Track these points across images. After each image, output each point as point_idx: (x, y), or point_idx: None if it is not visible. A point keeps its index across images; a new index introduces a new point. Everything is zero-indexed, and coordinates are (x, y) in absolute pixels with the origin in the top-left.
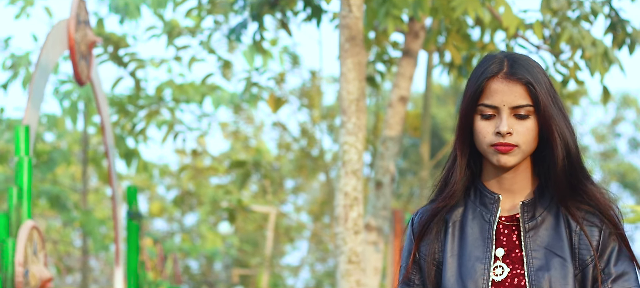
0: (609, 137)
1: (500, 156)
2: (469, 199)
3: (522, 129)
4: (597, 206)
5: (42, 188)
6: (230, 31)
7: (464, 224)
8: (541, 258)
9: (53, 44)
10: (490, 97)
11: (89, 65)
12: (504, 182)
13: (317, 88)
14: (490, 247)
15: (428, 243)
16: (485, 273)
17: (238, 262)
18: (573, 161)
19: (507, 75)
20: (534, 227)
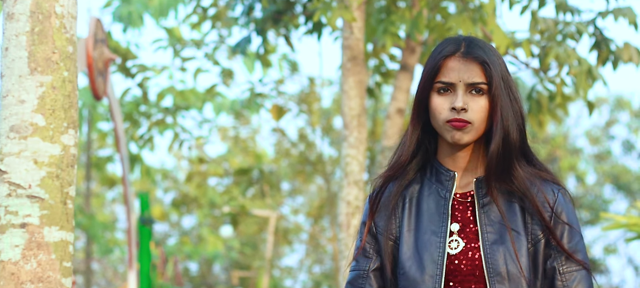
0: (603, 139)
1: (455, 132)
2: (425, 177)
3: (476, 106)
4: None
5: None
6: (235, 45)
7: (421, 200)
8: (495, 232)
9: None
10: (447, 75)
11: (105, 81)
12: (459, 160)
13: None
14: (446, 222)
15: (385, 219)
16: (440, 246)
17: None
18: (510, 145)
19: (464, 54)
20: (488, 203)
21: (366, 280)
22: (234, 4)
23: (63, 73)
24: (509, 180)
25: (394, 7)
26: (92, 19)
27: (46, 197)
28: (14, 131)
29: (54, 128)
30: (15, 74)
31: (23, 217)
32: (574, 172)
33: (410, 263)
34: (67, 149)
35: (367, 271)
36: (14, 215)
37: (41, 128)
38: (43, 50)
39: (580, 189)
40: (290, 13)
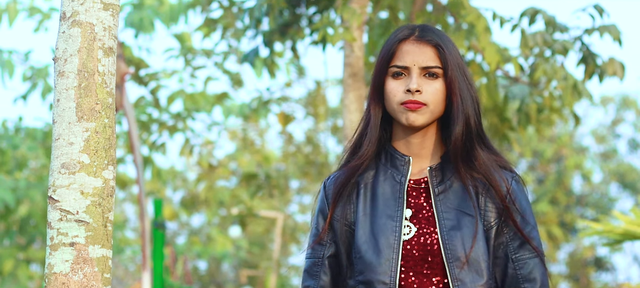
0: (609, 138)
1: (410, 114)
2: (380, 162)
3: (431, 89)
4: (486, 175)
5: None
6: (244, 56)
7: (376, 185)
8: (452, 218)
9: None
10: (402, 58)
11: (122, 93)
12: (413, 146)
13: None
14: (402, 207)
15: (341, 205)
16: (396, 230)
17: (246, 263)
18: (471, 128)
19: (418, 38)
20: (444, 191)
21: (321, 267)
22: (242, 16)
23: (104, 120)
24: (471, 163)
25: (394, 23)
26: None
27: (90, 221)
28: (64, 168)
29: (96, 165)
30: (65, 121)
31: (72, 237)
32: (580, 170)
33: (367, 247)
34: (107, 182)
35: (322, 258)
36: (64, 236)
37: (86, 165)
38: (88, 102)
39: (586, 187)
40: (297, 26)
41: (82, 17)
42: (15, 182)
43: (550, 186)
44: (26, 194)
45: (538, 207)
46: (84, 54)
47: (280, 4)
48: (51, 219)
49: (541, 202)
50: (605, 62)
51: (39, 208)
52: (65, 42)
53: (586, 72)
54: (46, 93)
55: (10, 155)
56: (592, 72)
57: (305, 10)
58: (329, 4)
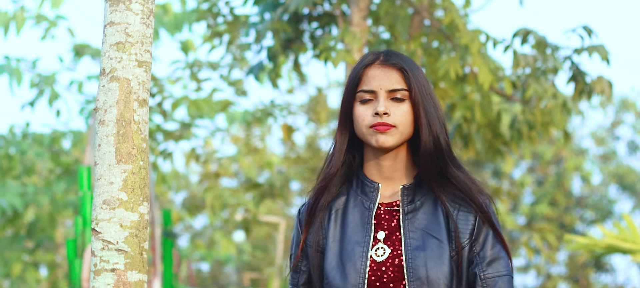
0: (608, 140)
1: (379, 136)
2: (351, 189)
3: (398, 111)
4: (467, 192)
5: (67, 199)
6: (249, 70)
7: (346, 211)
8: (418, 239)
9: None
10: (368, 83)
11: None
12: (384, 170)
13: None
14: (370, 232)
15: (313, 232)
16: (363, 256)
17: (249, 266)
18: (440, 146)
19: (383, 62)
20: (413, 210)
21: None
22: (247, 31)
23: (139, 163)
24: (447, 180)
25: (394, 42)
26: None
27: (128, 250)
28: (106, 204)
29: (133, 202)
30: (106, 163)
31: (113, 264)
32: (579, 172)
33: (334, 273)
34: (142, 216)
35: (297, 285)
36: (106, 263)
37: (124, 202)
38: (125, 147)
39: (586, 189)
40: (299, 41)
41: (119, 73)
42: (24, 187)
43: (549, 188)
44: (34, 199)
45: (537, 209)
46: (121, 105)
47: (284, 28)
48: (95, 248)
49: (541, 204)
50: (594, 80)
51: (46, 213)
52: (105, 95)
53: (576, 90)
54: (53, 100)
55: (18, 161)
56: (581, 90)
57: (307, 25)
58: (330, 21)
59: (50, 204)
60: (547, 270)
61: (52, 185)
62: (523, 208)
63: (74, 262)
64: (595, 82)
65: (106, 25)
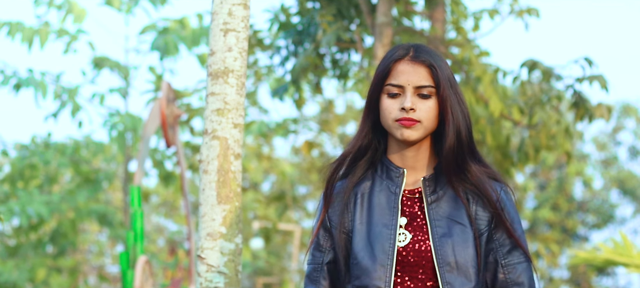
0: (609, 145)
1: (404, 130)
2: (376, 174)
3: (424, 107)
4: (483, 187)
5: (91, 207)
6: (274, 93)
7: (372, 195)
8: (444, 226)
9: (152, 118)
10: (397, 78)
11: (175, 132)
12: (407, 159)
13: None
14: (396, 216)
15: (339, 213)
16: (391, 238)
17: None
18: (462, 142)
19: (413, 58)
20: (436, 200)
21: (321, 273)
22: (272, 55)
23: (235, 203)
24: (464, 174)
25: None
26: (164, 83)
27: (227, 272)
28: (209, 236)
29: (231, 234)
30: (209, 204)
31: (215, 283)
32: (581, 177)
33: (363, 254)
34: (237, 245)
35: (321, 264)
36: (209, 282)
37: (224, 234)
38: (224, 191)
39: (588, 194)
40: (322, 66)
41: (219, 133)
42: (49, 196)
43: (552, 192)
44: (58, 208)
45: (540, 213)
46: (221, 158)
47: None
48: (200, 271)
49: (543, 208)
50: (594, 106)
51: (69, 221)
52: (208, 150)
53: (577, 115)
54: (75, 111)
55: (41, 170)
56: (582, 115)
57: (328, 50)
58: (350, 46)
59: (73, 212)
60: (549, 273)
61: (75, 194)
62: (526, 213)
63: (127, 272)
64: (596, 107)
65: (208, 95)
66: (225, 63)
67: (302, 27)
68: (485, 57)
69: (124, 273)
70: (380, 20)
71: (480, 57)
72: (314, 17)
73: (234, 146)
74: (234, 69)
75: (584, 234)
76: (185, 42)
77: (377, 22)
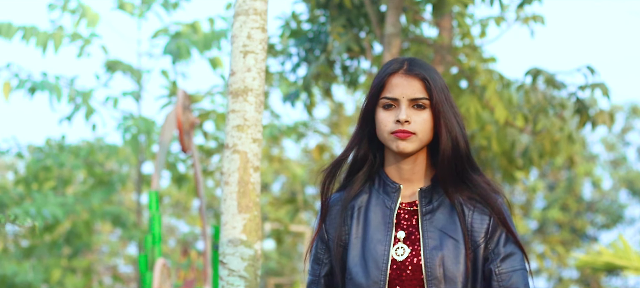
0: (618, 146)
1: (400, 142)
2: (373, 187)
3: (419, 119)
4: (482, 195)
5: (106, 209)
6: (286, 98)
7: (368, 210)
8: (436, 238)
9: (168, 125)
10: (391, 91)
11: (190, 139)
12: (404, 172)
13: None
14: (391, 231)
15: (335, 226)
16: (385, 254)
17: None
18: (460, 153)
19: (406, 72)
20: (431, 211)
21: (318, 285)
22: (283, 61)
23: (254, 212)
24: (463, 184)
25: None
26: (180, 91)
27: (247, 276)
28: (230, 242)
29: (250, 241)
30: (230, 213)
31: (236, 286)
32: (590, 177)
33: (357, 269)
34: (257, 251)
35: (319, 277)
36: (231, 286)
37: (244, 241)
38: (244, 201)
39: (597, 194)
40: (332, 73)
41: (239, 147)
42: (64, 197)
43: (561, 193)
44: (73, 209)
45: (549, 214)
46: (241, 171)
47: (326, 70)
48: (222, 275)
49: (552, 209)
50: (596, 113)
51: (83, 222)
52: (229, 163)
53: (580, 122)
54: (89, 114)
55: (55, 172)
56: (585, 122)
57: (338, 57)
58: (359, 53)
59: (87, 214)
60: (558, 273)
61: (89, 196)
62: (535, 213)
63: (146, 274)
64: (598, 114)
65: (229, 112)
66: (244, 83)
67: (312, 34)
68: (491, 63)
69: (143, 276)
70: (389, 30)
71: (487, 63)
72: (325, 24)
73: (253, 159)
74: (253, 88)
75: (593, 234)
76: (197, 46)
77: (386, 32)
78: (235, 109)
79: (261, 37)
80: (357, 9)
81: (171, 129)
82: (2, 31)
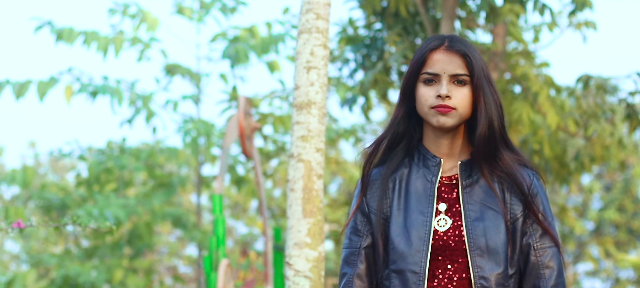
0: None
1: (440, 117)
2: (412, 162)
3: (459, 95)
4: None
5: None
6: (343, 103)
7: (409, 183)
8: (477, 210)
9: (230, 131)
10: (433, 66)
11: (251, 144)
12: (443, 146)
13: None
14: (432, 203)
15: (377, 199)
16: (426, 225)
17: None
18: (494, 130)
19: (448, 48)
20: (471, 185)
21: (358, 257)
22: (340, 67)
23: (318, 217)
24: (495, 162)
25: None
26: (241, 97)
27: (312, 276)
28: (296, 245)
29: (314, 243)
30: (296, 218)
31: (301, 286)
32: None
33: (400, 239)
34: (320, 253)
35: (359, 248)
36: (296, 285)
37: (309, 244)
38: (309, 207)
39: None
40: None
41: (304, 156)
42: (125, 199)
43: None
44: (134, 211)
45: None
46: (306, 178)
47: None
48: (289, 275)
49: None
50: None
51: (144, 223)
52: (294, 171)
53: (631, 127)
54: (150, 117)
55: (116, 174)
56: (635, 126)
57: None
58: None
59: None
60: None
61: (150, 198)
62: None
63: (211, 275)
64: None
65: (294, 124)
66: (308, 96)
67: (369, 40)
68: (544, 68)
69: (208, 276)
70: None
71: (540, 68)
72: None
73: (316, 168)
74: (316, 101)
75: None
76: (255, 50)
77: None
78: (299, 121)
79: (323, 54)
80: (413, 17)
81: (233, 134)
82: (64, 36)
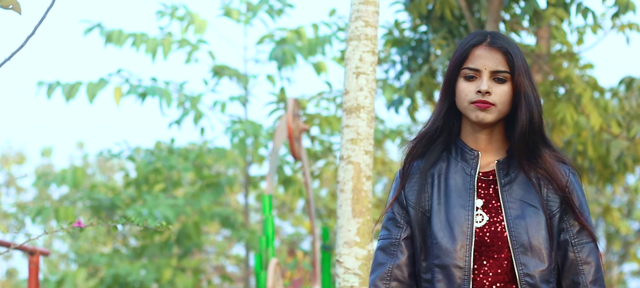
0: None
1: (479, 112)
2: (450, 155)
3: (499, 91)
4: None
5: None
6: (390, 104)
7: (448, 177)
8: (517, 208)
9: (279, 132)
10: (474, 62)
11: (300, 145)
12: (481, 141)
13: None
14: (473, 197)
15: (416, 193)
16: (469, 219)
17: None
18: (534, 127)
19: (490, 44)
20: (509, 182)
21: (398, 247)
22: (387, 69)
23: (367, 217)
24: (534, 158)
25: None
26: (290, 99)
27: (361, 273)
28: (346, 244)
29: (364, 242)
30: (345, 217)
31: (351, 283)
32: None
33: (442, 234)
34: (369, 252)
35: (398, 239)
36: (346, 282)
37: (358, 243)
38: (358, 207)
39: None
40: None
41: (353, 158)
42: (174, 199)
43: None
44: (183, 211)
45: None
46: (355, 180)
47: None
48: (338, 273)
49: None
50: None
51: (192, 223)
52: (344, 172)
53: None
54: (198, 119)
55: (164, 175)
56: None
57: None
58: None
59: (196, 215)
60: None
61: (199, 198)
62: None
63: (260, 273)
64: None
65: (343, 127)
66: (357, 101)
67: (414, 43)
68: (588, 70)
69: (258, 274)
70: None
71: (584, 69)
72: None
73: (365, 169)
74: (365, 105)
75: None
76: (302, 52)
77: None
78: (349, 124)
79: (372, 60)
80: (458, 20)
81: (282, 136)
82: (113, 38)
